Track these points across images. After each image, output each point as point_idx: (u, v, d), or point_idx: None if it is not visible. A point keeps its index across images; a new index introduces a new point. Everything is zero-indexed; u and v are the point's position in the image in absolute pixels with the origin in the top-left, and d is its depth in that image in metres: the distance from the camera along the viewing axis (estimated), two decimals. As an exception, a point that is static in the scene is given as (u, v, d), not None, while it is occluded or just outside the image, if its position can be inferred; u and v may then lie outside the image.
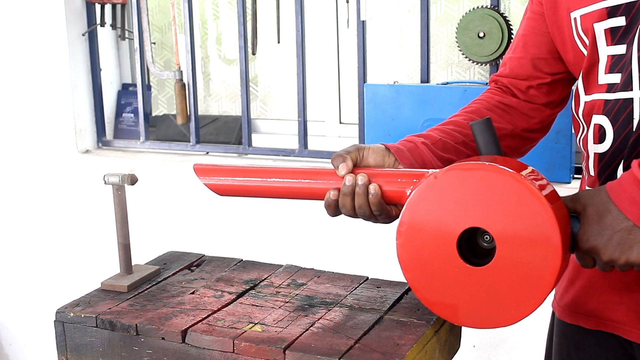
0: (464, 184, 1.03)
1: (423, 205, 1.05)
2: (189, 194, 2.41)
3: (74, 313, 1.22)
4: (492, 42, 1.98)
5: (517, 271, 1.01)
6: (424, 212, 1.05)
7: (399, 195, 1.11)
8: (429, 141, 1.21)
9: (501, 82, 1.35)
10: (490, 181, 1.01)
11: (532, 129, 1.32)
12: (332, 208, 1.14)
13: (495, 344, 2.10)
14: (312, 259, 1.73)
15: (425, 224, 1.05)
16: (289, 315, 1.19)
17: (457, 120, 1.28)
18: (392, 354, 1.06)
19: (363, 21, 2.18)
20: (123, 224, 1.34)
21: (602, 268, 1.05)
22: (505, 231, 1.01)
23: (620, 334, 1.22)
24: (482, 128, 1.12)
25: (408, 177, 1.11)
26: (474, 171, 1.03)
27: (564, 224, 1.02)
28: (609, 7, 1.12)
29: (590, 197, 1.05)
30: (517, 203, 1.00)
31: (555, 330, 1.36)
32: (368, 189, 1.11)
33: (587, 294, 1.25)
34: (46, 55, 2.60)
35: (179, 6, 2.46)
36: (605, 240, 1.02)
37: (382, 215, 1.12)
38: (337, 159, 1.14)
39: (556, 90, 1.32)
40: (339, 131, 2.48)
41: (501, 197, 1.01)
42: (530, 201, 0.99)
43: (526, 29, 1.31)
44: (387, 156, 1.17)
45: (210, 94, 2.78)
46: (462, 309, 1.06)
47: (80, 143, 2.63)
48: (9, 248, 2.86)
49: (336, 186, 1.13)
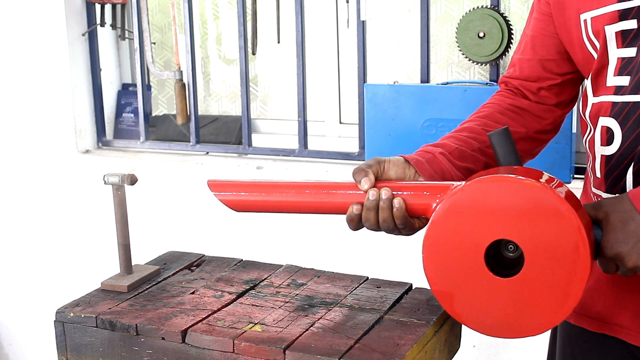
0: (490, 196, 1.03)
1: (449, 218, 1.05)
2: (188, 194, 2.41)
3: (74, 313, 1.22)
4: (492, 42, 1.98)
5: (545, 281, 1.01)
6: (450, 226, 1.05)
7: (423, 208, 1.10)
8: (446, 150, 1.21)
9: (511, 84, 1.34)
10: (517, 192, 1.01)
11: (544, 130, 1.32)
12: (355, 222, 1.13)
13: (495, 344, 2.10)
14: (312, 259, 1.73)
15: (452, 237, 1.05)
16: (289, 315, 1.19)
17: (471, 126, 1.27)
18: (392, 354, 1.06)
19: (363, 21, 2.18)
20: (123, 224, 1.34)
21: (624, 274, 1.06)
22: (533, 242, 1.01)
23: (625, 338, 1.22)
24: (500, 138, 1.11)
25: (432, 191, 1.11)
26: (500, 183, 1.03)
27: (589, 231, 1.02)
28: (620, 10, 1.12)
29: (613, 204, 1.05)
30: (544, 213, 1.00)
31: (559, 331, 1.36)
32: (392, 203, 1.10)
33: (593, 297, 1.25)
34: (46, 55, 2.59)
35: (179, 6, 2.46)
36: (630, 247, 1.02)
37: (406, 228, 1.12)
38: (359, 173, 1.13)
39: (566, 90, 1.31)
40: (339, 131, 2.47)
41: (528, 208, 1.01)
42: (557, 211, 0.99)
43: (534, 30, 1.30)
44: (407, 168, 1.17)
45: (210, 94, 2.78)
46: (491, 320, 1.06)
47: (80, 143, 2.63)
48: (9, 248, 2.86)
49: (358, 200, 1.12)
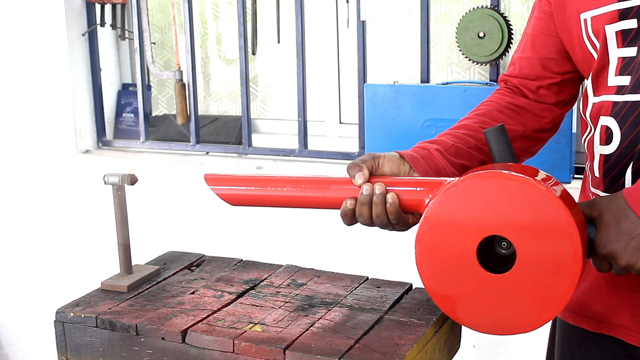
0: (483, 192, 1.03)
1: (442, 214, 1.05)
2: (188, 194, 2.41)
3: (74, 313, 1.22)
4: (492, 42, 1.98)
5: (537, 278, 1.01)
6: (442, 221, 1.05)
7: (416, 203, 1.11)
8: (441, 147, 1.21)
9: (511, 82, 1.34)
10: (509, 189, 1.01)
11: (543, 129, 1.32)
12: (349, 217, 1.14)
13: (495, 344, 2.10)
14: (312, 259, 1.73)
15: (444, 232, 1.05)
16: (289, 315, 1.19)
17: (468, 124, 1.27)
18: (392, 354, 1.06)
19: (363, 21, 2.18)
20: (123, 224, 1.34)
21: (618, 272, 1.06)
22: (525, 238, 1.01)
23: (624, 338, 1.22)
24: (496, 135, 1.11)
25: (426, 186, 1.11)
26: (493, 179, 1.03)
27: (582, 230, 1.02)
28: (620, 10, 1.11)
29: (607, 203, 1.05)
30: (537, 210, 1.00)
31: (558, 331, 1.36)
32: (386, 198, 1.11)
33: (591, 296, 1.25)
34: (46, 55, 2.59)
35: (179, 6, 2.46)
36: (623, 246, 1.02)
37: (400, 223, 1.12)
38: (354, 168, 1.13)
39: (566, 89, 1.31)
40: (339, 131, 2.47)
41: (520, 204, 1.01)
42: (550, 208, 0.99)
43: (534, 29, 1.30)
44: (402, 164, 1.17)
45: (210, 94, 2.78)
46: (483, 317, 1.06)
47: (80, 143, 2.63)
48: (9, 248, 2.86)
49: (352, 195, 1.13)
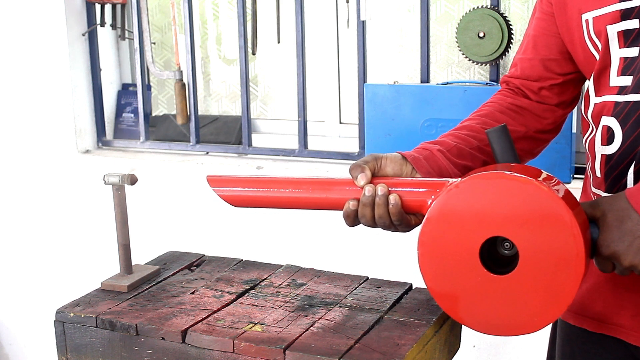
0: (486, 193, 1.02)
1: (445, 215, 1.05)
2: (188, 194, 2.41)
3: (74, 313, 1.22)
4: (492, 42, 1.98)
5: (540, 279, 1.01)
6: (445, 222, 1.05)
7: (419, 204, 1.10)
8: (444, 148, 1.21)
9: (513, 83, 1.34)
10: (512, 190, 1.01)
11: (545, 130, 1.32)
12: (351, 218, 1.14)
13: (495, 344, 2.10)
14: (312, 259, 1.73)
15: (447, 233, 1.05)
16: (289, 315, 1.19)
17: (471, 124, 1.27)
18: (392, 354, 1.06)
19: (363, 21, 2.18)
20: (123, 224, 1.34)
21: (621, 273, 1.06)
22: (528, 239, 1.01)
23: (625, 338, 1.22)
24: (498, 135, 1.11)
25: (428, 187, 1.11)
26: (495, 180, 1.03)
27: (585, 230, 1.02)
28: (622, 10, 1.11)
29: (610, 203, 1.05)
30: (540, 211, 1.00)
31: (559, 331, 1.36)
32: (388, 199, 1.10)
33: (593, 297, 1.25)
34: (46, 55, 2.59)
35: (179, 6, 2.46)
36: (626, 246, 1.02)
37: (402, 224, 1.12)
38: (356, 169, 1.13)
39: (568, 90, 1.31)
40: (339, 131, 2.47)
41: (523, 205, 1.00)
42: (553, 209, 0.99)
43: (536, 30, 1.30)
44: (404, 165, 1.17)
45: (210, 94, 2.78)
46: (486, 318, 1.06)
47: (80, 143, 2.63)
48: (9, 248, 2.86)
49: (355, 196, 1.13)
